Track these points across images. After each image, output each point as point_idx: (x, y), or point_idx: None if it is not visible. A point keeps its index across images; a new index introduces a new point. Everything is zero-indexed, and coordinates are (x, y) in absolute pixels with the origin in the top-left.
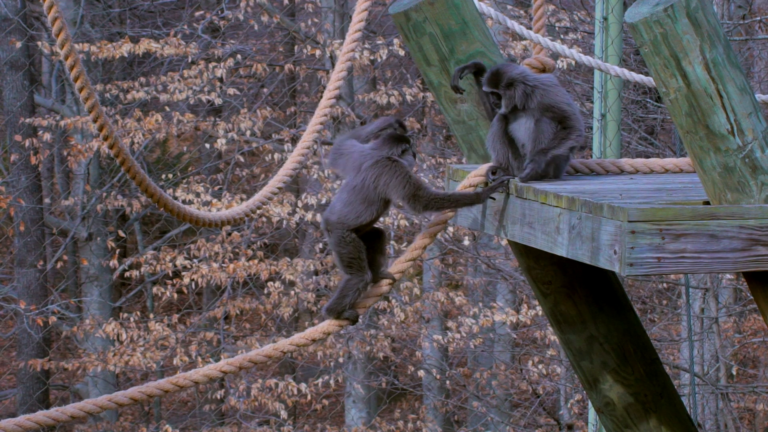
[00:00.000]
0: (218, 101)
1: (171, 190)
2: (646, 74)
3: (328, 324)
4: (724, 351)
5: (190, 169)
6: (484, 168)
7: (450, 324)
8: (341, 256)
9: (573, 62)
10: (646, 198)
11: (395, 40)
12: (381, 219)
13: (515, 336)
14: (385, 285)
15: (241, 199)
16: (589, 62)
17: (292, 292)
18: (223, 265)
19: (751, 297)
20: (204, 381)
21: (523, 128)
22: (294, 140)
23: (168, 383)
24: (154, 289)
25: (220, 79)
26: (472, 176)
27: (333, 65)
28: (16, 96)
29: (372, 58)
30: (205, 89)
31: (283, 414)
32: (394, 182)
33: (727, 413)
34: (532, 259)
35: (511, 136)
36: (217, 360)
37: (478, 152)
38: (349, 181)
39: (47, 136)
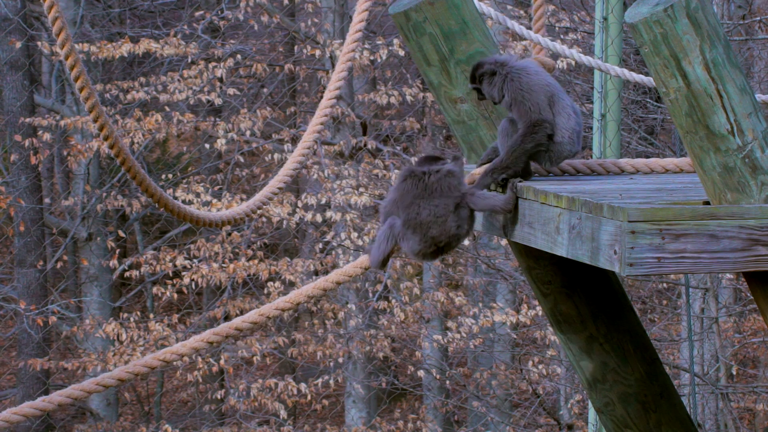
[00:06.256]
0: (218, 101)
1: (171, 190)
2: (646, 74)
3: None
4: (724, 351)
5: (190, 169)
6: (481, 170)
7: (450, 324)
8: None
9: (573, 62)
10: (646, 198)
11: (395, 40)
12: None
13: (515, 336)
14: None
15: (241, 200)
16: (589, 62)
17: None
18: (223, 265)
19: (751, 297)
20: (190, 353)
21: (500, 129)
22: (294, 140)
23: (154, 359)
24: (154, 289)
25: (220, 79)
26: (471, 176)
27: (333, 65)
28: (16, 96)
29: (372, 58)
30: (205, 89)
31: (283, 414)
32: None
33: (727, 413)
34: (532, 259)
35: None
36: (218, 360)
37: (478, 152)
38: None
39: (47, 136)
